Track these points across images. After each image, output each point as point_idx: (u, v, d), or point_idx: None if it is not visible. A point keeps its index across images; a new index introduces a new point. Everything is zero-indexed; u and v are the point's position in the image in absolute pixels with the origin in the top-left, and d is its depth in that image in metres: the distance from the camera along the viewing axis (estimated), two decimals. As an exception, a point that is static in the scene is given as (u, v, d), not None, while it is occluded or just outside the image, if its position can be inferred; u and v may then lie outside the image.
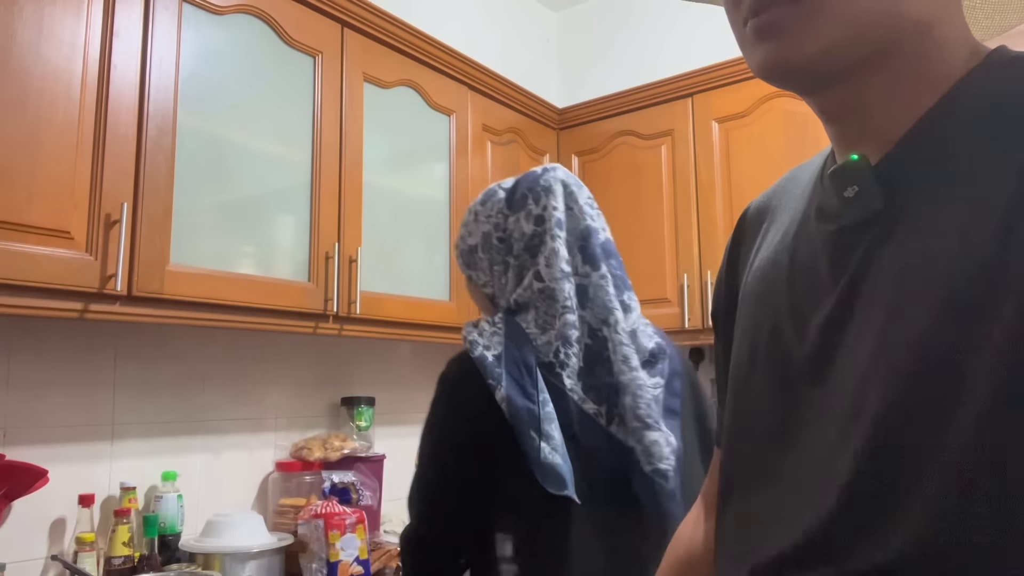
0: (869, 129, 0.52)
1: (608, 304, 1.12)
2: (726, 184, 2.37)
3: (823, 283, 0.53)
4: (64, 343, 1.67)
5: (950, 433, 0.43)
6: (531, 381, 1.06)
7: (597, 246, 1.15)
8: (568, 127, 2.77)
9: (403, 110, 2.14)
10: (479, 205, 1.24)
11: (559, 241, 1.14)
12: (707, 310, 2.34)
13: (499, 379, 1.04)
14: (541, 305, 1.11)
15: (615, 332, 1.11)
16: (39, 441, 1.61)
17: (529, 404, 1.03)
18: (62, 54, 1.38)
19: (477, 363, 1.06)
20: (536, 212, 1.15)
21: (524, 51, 2.90)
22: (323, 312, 1.81)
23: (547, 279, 1.12)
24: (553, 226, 1.14)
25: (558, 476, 1.01)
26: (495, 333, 1.09)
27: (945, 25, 0.51)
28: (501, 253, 1.18)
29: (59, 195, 1.36)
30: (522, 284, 1.14)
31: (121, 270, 1.40)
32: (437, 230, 2.22)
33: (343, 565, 1.72)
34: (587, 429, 1.07)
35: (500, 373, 1.05)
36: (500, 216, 1.19)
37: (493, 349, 1.07)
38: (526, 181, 1.20)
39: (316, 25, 1.87)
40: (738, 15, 0.53)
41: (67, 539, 1.62)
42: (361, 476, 2.04)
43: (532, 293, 1.12)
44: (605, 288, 1.13)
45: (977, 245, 0.44)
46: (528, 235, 1.15)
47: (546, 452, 1.01)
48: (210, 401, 1.94)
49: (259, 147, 1.74)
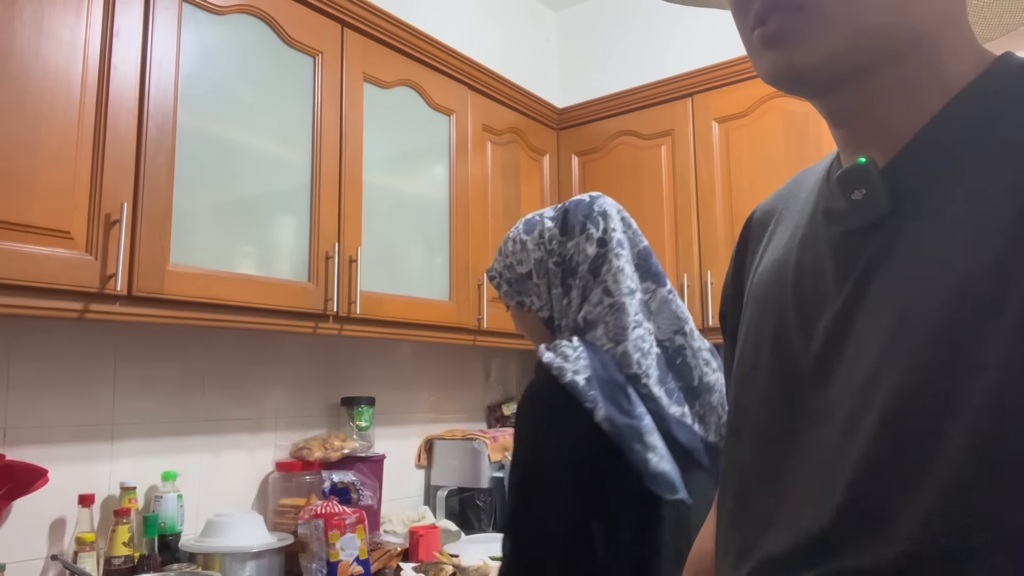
0: (876, 133, 0.53)
1: (680, 315, 1.22)
2: (726, 184, 2.37)
3: (829, 285, 0.53)
4: (64, 343, 1.67)
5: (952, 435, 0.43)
6: (625, 398, 1.12)
7: (657, 264, 1.25)
8: (568, 127, 2.77)
9: (403, 110, 2.14)
10: (525, 235, 1.29)
11: (623, 259, 1.21)
12: (707, 310, 2.34)
13: (595, 401, 1.09)
14: (611, 320, 1.18)
15: (692, 339, 1.21)
16: (39, 441, 1.61)
17: (629, 420, 1.09)
18: (62, 54, 1.38)
19: (570, 388, 1.09)
20: (597, 236, 1.22)
21: (524, 51, 2.90)
22: (323, 312, 1.81)
23: (616, 295, 1.19)
24: (615, 246, 1.22)
25: (669, 482, 1.07)
26: (579, 357, 1.13)
27: (950, 32, 0.51)
28: (560, 276, 1.24)
29: (59, 195, 1.36)
30: (590, 302, 1.19)
31: (121, 270, 1.40)
32: (437, 230, 2.22)
33: (343, 565, 1.72)
34: (683, 431, 1.14)
35: (595, 395, 1.09)
36: (554, 243, 1.25)
37: (582, 373, 1.11)
38: (579, 209, 1.26)
39: (316, 25, 1.87)
40: (746, 23, 0.54)
41: (67, 539, 1.62)
42: (361, 476, 2.04)
43: (602, 309, 1.18)
44: (674, 301, 1.23)
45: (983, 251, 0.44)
46: (592, 257, 1.21)
47: (654, 462, 1.07)
48: (210, 401, 1.94)
49: (259, 147, 1.74)
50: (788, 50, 0.51)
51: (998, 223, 0.44)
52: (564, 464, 1.10)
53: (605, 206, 1.25)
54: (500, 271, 1.31)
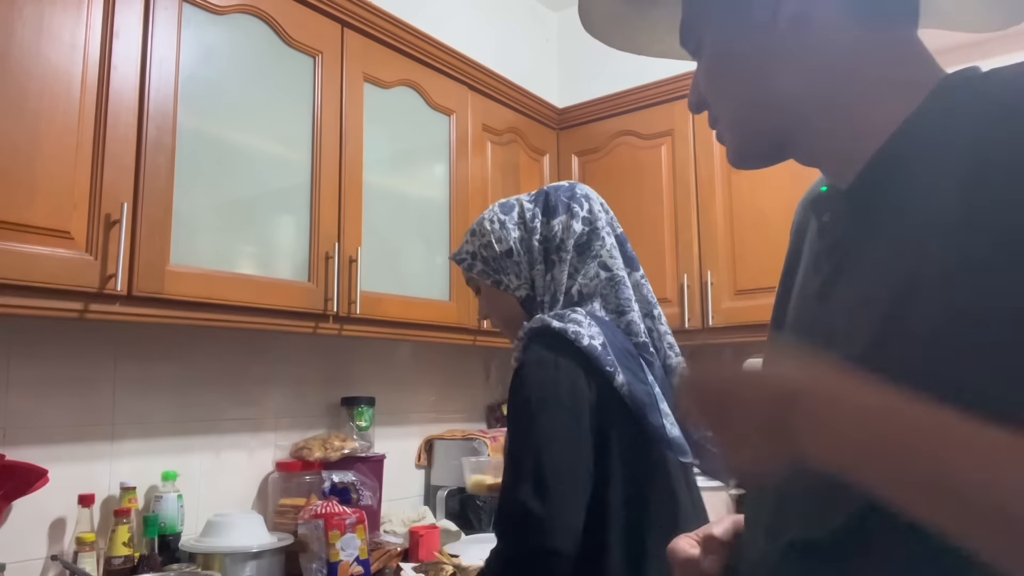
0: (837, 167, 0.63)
1: (651, 299, 1.27)
2: (726, 184, 2.37)
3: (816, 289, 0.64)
4: (64, 343, 1.67)
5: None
6: (637, 365, 1.16)
7: (631, 250, 1.29)
8: (568, 127, 2.77)
9: (403, 110, 2.14)
10: (503, 215, 1.30)
11: (611, 240, 1.25)
12: (707, 310, 2.34)
13: (614, 366, 1.11)
14: (609, 292, 1.22)
15: (659, 323, 1.26)
16: (39, 441, 1.61)
17: (645, 387, 1.13)
18: (62, 54, 1.38)
19: (588, 352, 1.11)
20: (583, 215, 1.25)
21: (524, 51, 2.90)
22: (323, 312, 1.81)
23: (613, 269, 1.23)
24: (603, 226, 1.26)
25: (682, 446, 1.12)
26: (591, 324, 1.14)
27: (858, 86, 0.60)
28: (543, 253, 1.25)
29: (59, 195, 1.36)
30: (585, 275, 1.22)
31: (121, 270, 1.40)
32: (437, 230, 2.22)
33: (343, 565, 1.72)
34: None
35: (613, 360, 1.11)
36: (537, 221, 1.27)
37: (597, 339, 1.12)
38: (560, 191, 1.29)
39: (316, 25, 1.87)
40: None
41: (67, 539, 1.62)
42: (361, 476, 2.04)
43: (599, 282, 1.22)
44: (646, 286, 1.28)
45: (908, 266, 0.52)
46: (578, 233, 1.24)
47: (669, 427, 1.12)
48: (210, 401, 1.94)
49: (259, 147, 1.74)
50: (730, 150, 0.68)
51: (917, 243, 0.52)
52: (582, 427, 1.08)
53: (586, 190, 1.30)
54: (475, 251, 1.31)
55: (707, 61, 0.68)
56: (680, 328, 2.34)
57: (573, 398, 1.09)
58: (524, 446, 1.07)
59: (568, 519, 1.03)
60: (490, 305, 1.34)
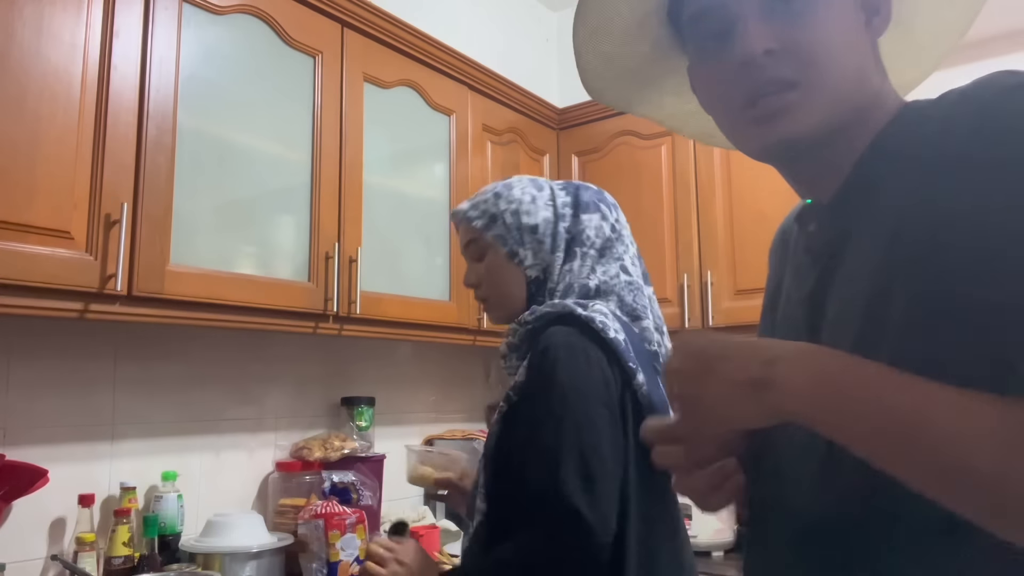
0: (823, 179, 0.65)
1: (661, 316, 1.26)
2: (726, 184, 2.37)
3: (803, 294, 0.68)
4: (64, 343, 1.67)
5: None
6: (653, 369, 1.14)
7: (644, 266, 1.30)
8: (568, 127, 2.77)
9: (403, 110, 2.14)
10: (535, 190, 1.25)
11: (634, 248, 1.26)
12: (707, 310, 2.34)
13: (637, 364, 1.10)
14: (628, 296, 1.20)
15: (667, 340, 1.24)
16: (39, 441, 1.61)
17: (660, 392, 1.11)
18: (62, 54, 1.38)
19: (613, 345, 1.09)
20: (611, 221, 1.25)
21: (524, 51, 2.90)
22: (323, 312, 1.81)
23: (634, 276, 1.22)
24: (627, 236, 1.26)
25: None
26: (616, 319, 1.12)
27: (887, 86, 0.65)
28: (566, 242, 1.22)
29: (59, 195, 1.36)
30: (606, 273, 1.20)
31: (121, 270, 1.40)
32: (437, 230, 2.22)
33: (343, 565, 1.72)
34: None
35: (634, 357, 1.10)
36: (567, 210, 1.24)
37: (621, 334, 1.10)
38: (590, 192, 1.27)
39: (316, 25, 1.87)
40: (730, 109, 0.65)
41: (67, 539, 1.62)
42: (361, 476, 2.04)
43: (619, 283, 1.20)
44: (656, 304, 1.27)
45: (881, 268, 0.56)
46: (605, 236, 1.23)
47: None
48: (210, 401, 1.94)
49: (259, 147, 1.74)
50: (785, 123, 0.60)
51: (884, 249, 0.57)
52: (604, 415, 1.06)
53: (614, 200, 1.30)
54: (498, 213, 1.23)
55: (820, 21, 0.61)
56: (680, 328, 2.34)
57: (608, 391, 1.07)
58: (563, 437, 1.02)
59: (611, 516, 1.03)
60: (491, 274, 1.26)
